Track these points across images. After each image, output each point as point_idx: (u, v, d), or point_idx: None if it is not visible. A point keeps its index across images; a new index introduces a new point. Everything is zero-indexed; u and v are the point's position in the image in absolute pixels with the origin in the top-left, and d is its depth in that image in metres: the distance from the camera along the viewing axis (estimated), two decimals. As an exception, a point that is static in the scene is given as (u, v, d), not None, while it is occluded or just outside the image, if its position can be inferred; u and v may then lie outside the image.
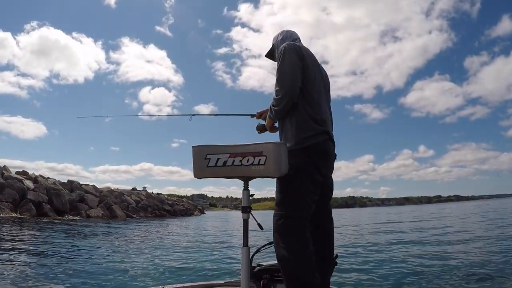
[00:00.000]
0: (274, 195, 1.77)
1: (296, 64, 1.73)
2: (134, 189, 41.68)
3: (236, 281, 2.17)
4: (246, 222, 1.63)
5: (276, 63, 2.04)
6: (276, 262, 1.70)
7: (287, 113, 1.76)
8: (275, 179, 1.68)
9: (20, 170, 24.51)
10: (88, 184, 28.52)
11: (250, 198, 1.66)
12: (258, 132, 2.12)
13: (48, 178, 25.90)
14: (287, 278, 1.60)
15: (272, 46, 2.09)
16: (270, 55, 2.15)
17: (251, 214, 1.65)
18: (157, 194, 41.09)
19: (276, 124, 1.95)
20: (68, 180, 27.30)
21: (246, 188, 1.65)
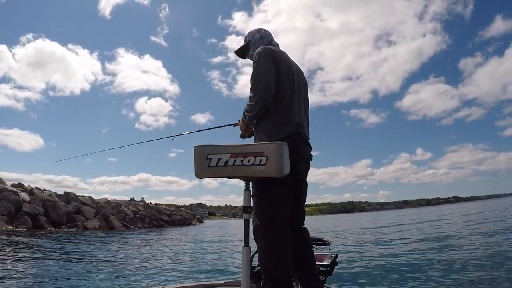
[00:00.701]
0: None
1: (270, 69, 1.76)
2: (132, 199, 41.17)
3: (236, 281, 2.18)
4: (247, 222, 1.63)
5: (246, 59, 2.07)
6: None
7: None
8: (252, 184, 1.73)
9: (17, 182, 24.28)
10: (84, 196, 28.18)
11: (251, 198, 1.67)
12: (243, 139, 2.12)
13: (44, 190, 25.62)
14: (262, 271, 1.70)
15: (248, 42, 2.05)
16: (241, 52, 2.10)
17: (252, 214, 1.66)
18: (155, 204, 40.76)
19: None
20: (64, 192, 26.97)
21: (247, 188, 1.65)
